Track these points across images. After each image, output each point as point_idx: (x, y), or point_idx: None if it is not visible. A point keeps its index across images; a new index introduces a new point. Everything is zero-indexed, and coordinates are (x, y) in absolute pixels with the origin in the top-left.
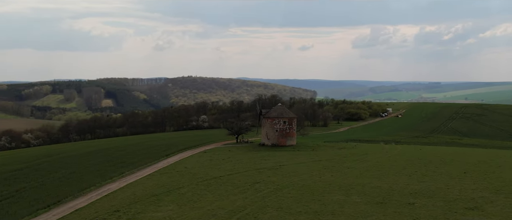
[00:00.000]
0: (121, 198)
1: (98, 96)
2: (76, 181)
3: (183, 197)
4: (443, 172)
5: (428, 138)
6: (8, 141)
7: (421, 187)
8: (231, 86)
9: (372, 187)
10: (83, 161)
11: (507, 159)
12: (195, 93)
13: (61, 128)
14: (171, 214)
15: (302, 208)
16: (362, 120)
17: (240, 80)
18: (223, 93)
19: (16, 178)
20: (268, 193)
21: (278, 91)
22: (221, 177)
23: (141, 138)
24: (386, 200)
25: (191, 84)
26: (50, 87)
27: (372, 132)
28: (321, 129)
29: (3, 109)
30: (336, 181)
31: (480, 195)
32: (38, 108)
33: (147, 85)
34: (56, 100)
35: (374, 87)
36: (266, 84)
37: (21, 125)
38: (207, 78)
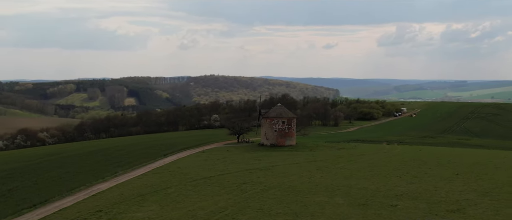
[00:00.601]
0: (107, 198)
1: (120, 94)
2: (68, 181)
3: (167, 198)
4: (435, 173)
5: (436, 138)
6: (24, 140)
7: (408, 189)
8: (253, 85)
9: (358, 188)
10: (82, 161)
11: (506, 160)
12: (217, 92)
13: (76, 126)
14: (151, 214)
15: (282, 209)
16: (374, 120)
17: (262, 79)
18: (245, 91)
19: (12, 177)
20: (253, 194)
21: (300, 90)
22: (211, 178)
23: (147, 137)
24: (369, 202)
25: (213, 83)
26: (74, 86)
27: (380, 132)
28: (331, 128)
29: (27, 107)
30: (323, 182)
31: (466, 197)
32: (61, 106)
33: (170, 84)
34: (80, 99)
35: (398, 86)
36: (288, 83)
37: (43, 124)
38: (229, 76)
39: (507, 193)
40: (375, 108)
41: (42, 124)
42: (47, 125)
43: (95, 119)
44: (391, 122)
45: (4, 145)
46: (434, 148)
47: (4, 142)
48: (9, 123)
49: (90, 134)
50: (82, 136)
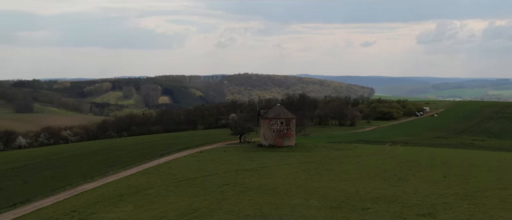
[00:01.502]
0: (87, 198)
1: (155, 93)
2: (58, 180)
3: (145, 198)
4: (423, 176)
5: (449, 139)
6: (47, 138)
7: (388, 192)
8: (286, 83)
9: (338, 191)
10: (81, 160)
11: (504, 162)
12: (250, 90)
13: (99, 125)
14: (122, 215)
15: (252, 212)
16: (394, 120)
17: (296, 77)
18: (278, 90)
19: (7, 176)
20: (231, 195)
21: (334, 88)
22: (196, 178)
23: (156, 137)
24: (342, 205)
25: (246, 81)
26: (110, 84)
27: (394, 132)
28: (346, 128)
29: (64, 105)
30: (305, 184)
31: (445, 201)
32: (97, 104)
33: (204, 82)
34: (115, 97)
35: (437, 84)
36: (322, 81)
37: (77, 122)
38: (262, 75)
39: (488, 197)
40: (395, 107)
41: (74, 122)
42: (79, 123)
43: (117, 118)
44: (410, 122)
45: (28, 143)
46: (436, 150)
47: (27, 140)
48: (42, 121)
49: (112, 133)
50: (104, 134)
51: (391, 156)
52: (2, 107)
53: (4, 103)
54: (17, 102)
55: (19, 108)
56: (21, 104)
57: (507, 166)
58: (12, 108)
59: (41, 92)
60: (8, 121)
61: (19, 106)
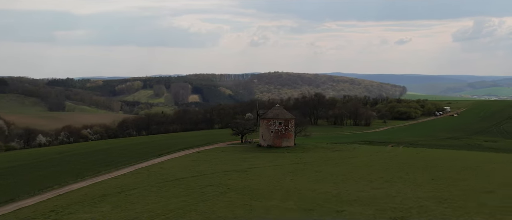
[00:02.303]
0: (70, 198)
1: (185, 91)
2: (48, 180)
3: (126, 199)
4: (410, 178)
5: (461, 139)
6: (67, 136)
7: (369, 194)
8: (316, 82)
9: (318, 193)
10: (80, 159)
11: (501, 165)
12: (279, 89)
13: (119, 124)
14: (97, 215)
15: (226, 213)
16: (412, 120)
17: (326, 76)
18: (308, 88)
19: (5, 175)
20: (211, 196)
21: (365, 87)
22: (184, 179)
23: (164, 136)
24: (317, 207)
25: (276, 80)
26: (141, 83)
27: (407, 132)
28: (359, 128)
29: (95, 104)
30: (288, 186)
31: (422, 204)
32: (127, 103)
33: (234, 81)
34: (146, 96)
35: (473, 82)
36: (352, 80)
37: (105, 120)
38: (293, 73)
39: (468, 200)
40: (413, 107)
41: (103, 120)
42: (108, 121)
43: (136, 117)
44: (427, 122)
45: (47, 141)
46: (437, 151)
47: (47, 138)
48: (71, 119)
49: (132, 131)
50: (123, 133)
51: (386, 157)
52: (35, 105)
53: (37, 102)
54: (49, 101)
55: (52, 106)
56: (54, 103)
57: (502, 169)
58: (45, 106)
59: (73, 90)
60: (39, 119)
61: (52, 105)
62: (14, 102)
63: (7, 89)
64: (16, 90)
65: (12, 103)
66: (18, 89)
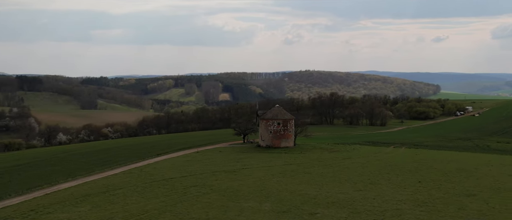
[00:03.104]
0: (54, 197)
1: (215, 90)
2: (40, 179)
3: (108, 199)
4: (397, 180)
5: (472, 140)
6: (87, 135)
7: (348, 196)
8: (347, 80)
9: (298, 194)
10: (79, 159)
11: (497, 167)
12: (310, 87)
13: (139, 122)
14: (74, 215)
15: (199, 215)
16: (430, 120)
17: (358, 74)
18: (338, 87)
19: (2, 173)
20: (191, 197)
21: (397, 86)
22: (172, 179)
23: (174, 136)
24: (292, 209)
25: (306, 78)
26: (173, 81)
27: (421, 133)
28: (373, 128)
29: (126, 102)
30: (271, 187)
31: (399, 207)
32: (158, 101)
33: (265, 79)
34: (177, 94)
35: (511, 81)
36: (384, 78)
37: (134, 118)
38: (324, 72)
39: (448, 204)
40: (432, 107)
41: (132, 118)
42: (136, 119)
43: (156, 116)
44: (445, 122)
45: (68, 139)
46: (438, 152)
47: (67, 136)
48: (101, 117)
49: (152, 130)
50: (143, 132)
51: (382, 158)
52: (68, 104)
53: (70, 100)
54: (82, 99)
55: (84, 104)
56: (86, 101)
57: (495, 171)
58: (78, 104)
59: (105, 89)
60: (69, 117)
61: (84, 103)
62: (48, 101)
63: (42, 87)
64: (50, 89)
65: (45, 101)
66: (53, 88)
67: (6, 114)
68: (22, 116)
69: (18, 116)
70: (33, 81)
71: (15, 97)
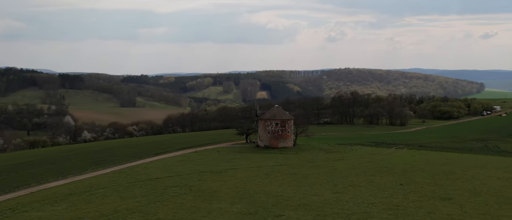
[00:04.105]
0: (37, 196)
1: (253, 88)
2: (31, 178)
3: (87, 198)
4: (379, 182)
5: (486, 141)
6: (112, 133)
7: (321, 198)
8: (387, 78)
9: (272, 196)
10: (78, 157)
11: (490, 170)
12: (348, 86)
13: (164, 121)
14: (48, 214)
15: (166, 215)
16: (454, 119)
17: (398, 72)
18: (378, 85)
19: (1, 171)
20: (166, 197)
21: (439, 84)
22: (157, 179)
23: (190, 134)
24: (260, 211)
25: (345, 76)
26: (212, 79)
27: (438, 133)
28: (391, 128)
29: (164, 100)
30: (249, 188)
31: (368, 210)
32: (195, 99)
33: (303, 77)
34: (215, 92)
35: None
36: (426, 76)
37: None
38: (363, 69)
39: (420, 207)
40: (456, 107)
41: (165, 116)
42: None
43: (180, 114)
44: (468, 122)
45: (92, 137)
46: (440, 154)
47: (92, 134)
48: (137, 115)
49: (177, 128)
50: (168, 130)
51: (375, 160)
52: (108, 101)
53: (110, 98)
54: (121, 97)
55: (123, 102)
56: (125, 99)
57: (486, 174)
58: (117, 102)
59: (145, 87)
60: (106, 115)
61: (123, 101)
62: (88, 98)
63: (83, 85)
64: (91, 87)
65: (86, 99)
66: (93, 86)
67: (45, 111)
68: (59, 114)
69: (55, 113)
70: (75, 79)
71: (57, 94)
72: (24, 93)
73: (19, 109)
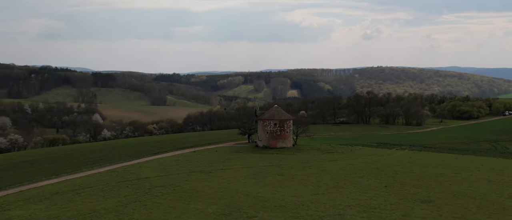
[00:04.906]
0: (24, 195)
1: (284, 86)
2: (25, 177)
3: (70, 198)
4: (363, 184)
5: (498, 143)
6: (132, 131)
7: (300, 200)
8: (420, 77)
9: (251, 197)
10: (78, 157)
11: (482, 173)
12: (380, 84)
13: (184, 119)
14: (28, 213)
15: (141, 216)
16: (473, 119)
17: (432, 71)
18: (411, 84)
19: (3, 170)
20: (148, 197)
21: (474, 82)
22: (145, 179)
23: (204, 133)
24: (235, 212)
25: (377, 75)
26: (242, 78)
27: (452, 133)
28: (406, 128)
29: (195, 98)
30: (232, 189)
31: (342, 212)
32: (225, 97)
33: (335, 76)
34: (246, 90)
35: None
36: (461, 75)
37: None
38: (396, 68)
39: (396, 210)
40: (476, 106)
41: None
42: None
43: (200, 113)
44: (488, 122)
45: (112, 135)
46: (439, 155)
47: (111, 132)
48: (165, 113)
49: (197, 127)
50: (187, 129)
51: (368, 161)
52: (139, 100)
53: (141, 96)
54: (152, 95)
55: (154, 100)
56: (156, 97)
57: (477, 177)
58: (148, 100)
59: (176, 85)
60: (134, 113)
61: (154, 99)
62: (120, 97)
63: (115, 84)
64: (123, 85)
65: (118, 97)
66: (125, 84)
67: (74, 109)
68: (88, 112)
69: (84, 111)
70: (107, 78)
71: (89, 93)
72: (57, 91)
73: (50, 107)
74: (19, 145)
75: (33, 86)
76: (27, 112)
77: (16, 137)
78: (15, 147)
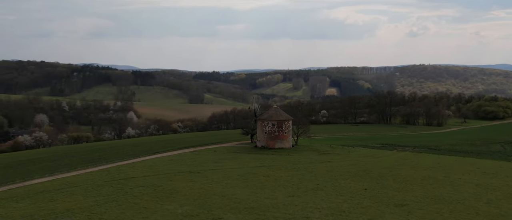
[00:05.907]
0: (10, 193)
1: (322, 84)
2: (19, 175)
3: (52, 196)
4: (344, 187)
5: (509, 145)
6: (156, 129)
7: (272, 202)
8: (464, 75)
9: (226, 198)
10: (77, 156)
11: (473, 176)
12: (422, 82)
13: (208, 118)
14: (7, 211)
15: (112, 216)
16: (499, 120)
17: (477, 69)
18: (454, 82)
19: (5, 167)
20: (126, 197)
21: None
22: (132, 179)
23: (216, 133)
24: (202, 213)
25: (419, 73)
26: (281, 76)
27: (469, 135)
28: (425, 128)
29: (232, 96)
30: (210, 190)
31: (310, 215)
32: (263, 95)
33: (375, 74)
34: (285, 89)
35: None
36: (506, 73)
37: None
38: (439, 66)
39: (367, 213)
40: (503, 107)
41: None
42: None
43: (223, 112)
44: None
45: (136, 133)
46: (439, 157)
47: (136, 131)
48: (199, 111)
49: (221, 125)
50: (212, 127)
51: (358, 163)
52: (177, 98)
53: (180, 94)
54: (190, 93)
55: (192, 98)
56: (193, 95)
57: (465, 180)
58: (186, 98)
59: (214, 83)
60: (170, 111)
61: (192, 97)
62: (159, 95)
63: (154, 82)
64: (162, 83)
65: (156, 95)
66: (164, 82)
67: (111, 107)
68: (124, 110)
69: (120, 109)
70: (146, 76)
71: (128, 91)
72: (98, 89)
73: (87, 105)
74: (44, 143)
75: (75, 84)
76: (65, 110)
77: (40, 134)
78: (40, 144)
